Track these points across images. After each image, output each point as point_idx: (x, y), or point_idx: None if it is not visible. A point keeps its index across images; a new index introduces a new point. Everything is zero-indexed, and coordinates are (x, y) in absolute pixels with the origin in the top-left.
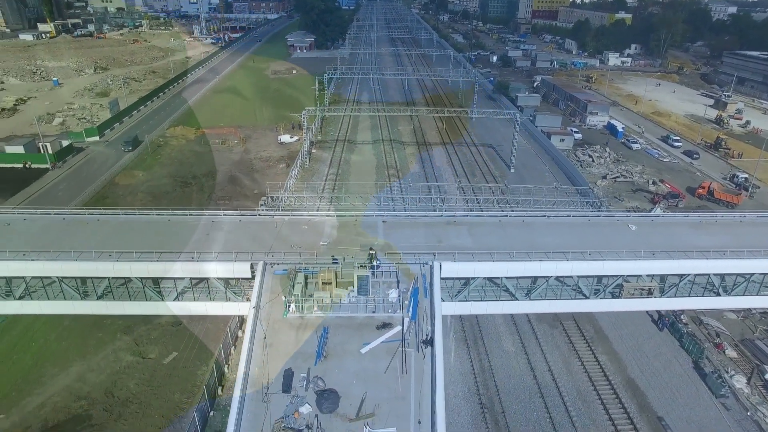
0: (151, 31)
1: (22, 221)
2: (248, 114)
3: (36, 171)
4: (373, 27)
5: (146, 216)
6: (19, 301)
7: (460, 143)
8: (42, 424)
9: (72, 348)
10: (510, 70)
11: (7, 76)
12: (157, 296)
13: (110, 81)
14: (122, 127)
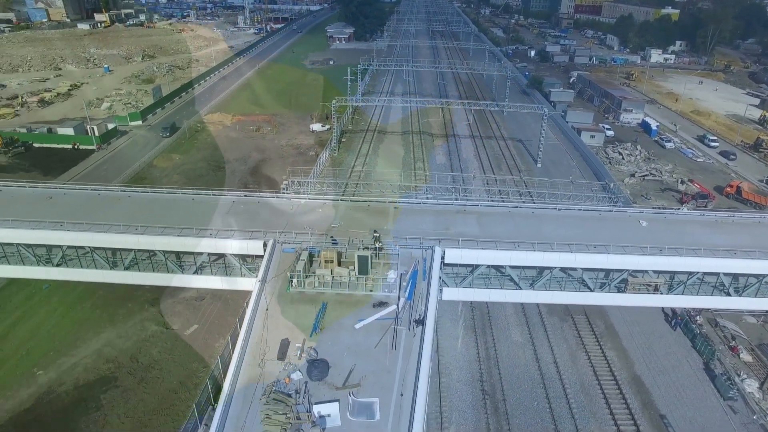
0: (198, 21)
1: (63, 195)
2: (283, 102)
3: (83, 152)
4: (413, 20)
5: (172, 195)
6: (57, 267)
7: (489, 137)
8: (74, 382)
9: (104, 316)
10: (547, 65)
11: (64, 63)
12: (178, 269)
13: (156, 68)
14: (164, 112)
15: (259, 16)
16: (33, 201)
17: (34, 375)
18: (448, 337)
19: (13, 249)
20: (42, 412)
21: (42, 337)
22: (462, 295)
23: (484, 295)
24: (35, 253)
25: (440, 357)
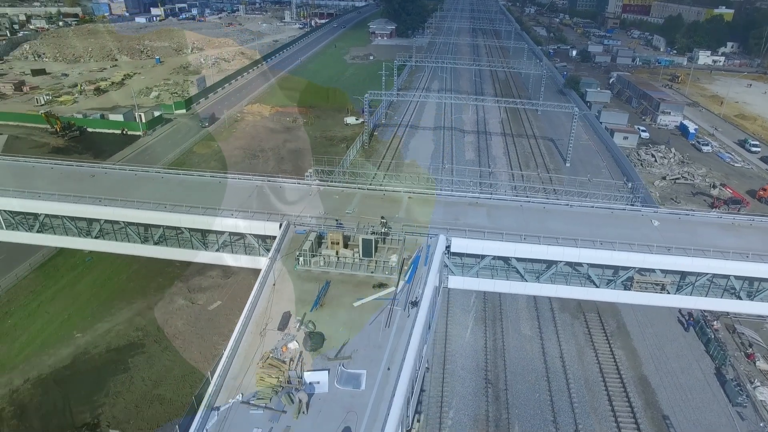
0: (246, 15)
1: (104, 174)
2: (321, 95)
3: (131, 137)
4: (457, 17)
5: (201, 177)
6: (95, 239)
7: (520, 135)
8: (107, 345)
9: (137, 288)
10: (588, 65)
11: (120, 54)
12: (202, 246)
13: (203, 60)
14: (207, 102)
15: (305, 11)
16: (78, 178)
17: (73, 337)
18: (458, 326)
19: (58, 221)
20: (78, 369)
21: (82, 304)
22: (467, 283)
23: (489, 285)
24: (77, 226)
25: (447, 345)
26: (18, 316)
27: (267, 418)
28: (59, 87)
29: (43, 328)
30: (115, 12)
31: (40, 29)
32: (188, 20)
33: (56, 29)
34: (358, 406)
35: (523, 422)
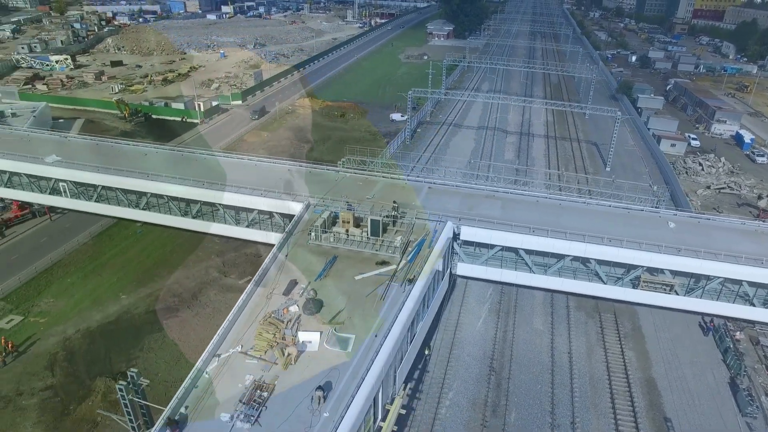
0: (310, 14)
1: (155, 153)
2: (371, 92)
3: (190, 124)
4: (516, 20)
5: (240, 160)
6: (142, 210)
7: (564, 138)
8: (146, 307)
9: (178, 259)
10: (647, 71)
11: (189, 48)
12: (233, 222)
13: (264, 55)
14: (263, 94)
15: (367, 11)
16: (132, 156)
17: (119, 298)
18: (471, 316)
19: (113, 193)
20: (120, 326)
21: (130, 270)
22: (475, 271)
23: (496, 274)
24: (128, 198)
25: (457, 332)
26: (76, 277)
27: (260, 367)
28: (132, 77)
29: (95, 288)
30: (189, 9)
31: (123, 25)
32: (255, 18)
33: (136, 25)
34: (342, 365)
35: (520, 410)
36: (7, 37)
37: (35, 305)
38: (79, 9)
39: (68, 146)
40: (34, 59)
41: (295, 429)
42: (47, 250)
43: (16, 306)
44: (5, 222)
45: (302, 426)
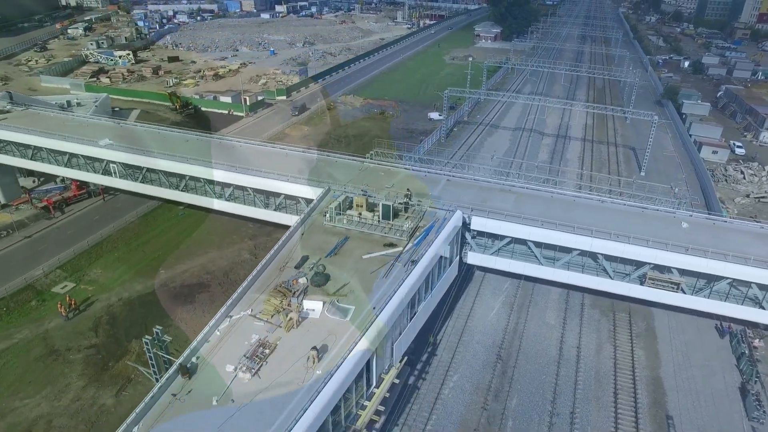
0: (361, 14)
1: (195, 140)
2: (412, 91)
3: (236, 117)
4: (568, 24)
5: (272, 148)
6: (181, 192)
7: (601, 141)
8: (180, 282)
9: (214, 240)
10: (699, 77)
11: (241, 45)
12: (263, 205)
13: (311, 54)
14: (307, 90)
15: (416, 12)
16: (175, 142)
17: (159, 272)
18: (484, 307)
19: (156, 175)
20: (158, 297)
21: (170, 248)
22: (485, 261)
23: (504, 264)
24: (169, 180)
25: (469, 320)
26: (122, 251)
27: (265, 329)
28: (186, 72)
29: (138, 263)
30: (245, 9)
31: (182, 23)
32: (307, 17)
33: (194, 23)
34: (340, 331)
35: (522, 397)
36: (79, 35)
37: (86, 274)
38: (144, 8)
39: (121, 132)
40: (100, 55)
41: (290, 382)
42: (99, 227)
43: (70, 274)
44: (65, 200)
45: (296, 380)
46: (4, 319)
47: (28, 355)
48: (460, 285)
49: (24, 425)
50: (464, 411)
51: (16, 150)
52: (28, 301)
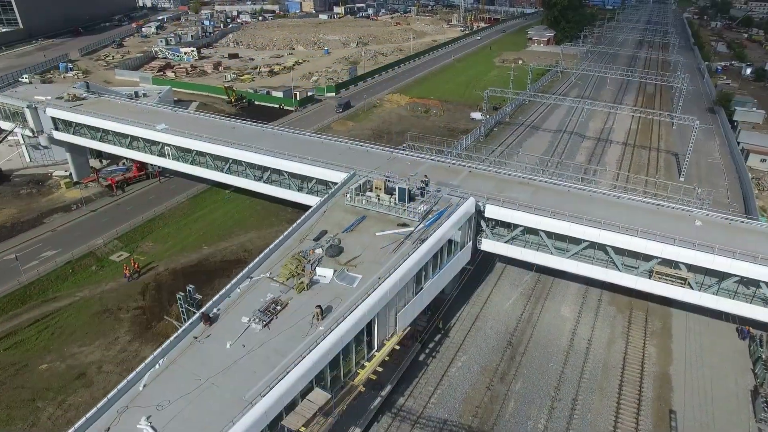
0: (417, 16)
1: (242, 127)
2: (458, 91)
3: (285, 111)
4: (626, 29)
5: (309, 137)
6: (225, 174)
7: (644, 146)
8: (221, 258)
9: (255, 222)
10: (761, 85)
11: (297, 44)
12: (297, 189)
13: (363, 53)
14: (355, 88)
15: (471, 15)
16: (223, 129)
17: (202, 248)
18: (501, 296)
19: (204, 158)
20: (198, 269)
21: (214, 227)
22: (498, 248)
23: (516, 252)
24: (215, 163)
25: (485, 308)
26: (172, 228)
27: (280, 290)
28: (244, 68)
29: (184, 238)
30: (304, 9)
31: (244, 23)
32: (363, 18)
33: (255, 23)
34: (346, 295)
35: (527, 381)
36: (152, 33)
37: (139, 246)
38: (211, 8)
39: (176, 118)
40: (168, 51)
41: (295, 334)
42: (153, 205)
43: (126, 245)
44: (127, 180)
45: (300, 333)
46: (69, 279)
47: (86, 311)
48: (480, 274)
49: (80, 368)
50: (469, 389)
51: (88, 132)
52: (90, 266)
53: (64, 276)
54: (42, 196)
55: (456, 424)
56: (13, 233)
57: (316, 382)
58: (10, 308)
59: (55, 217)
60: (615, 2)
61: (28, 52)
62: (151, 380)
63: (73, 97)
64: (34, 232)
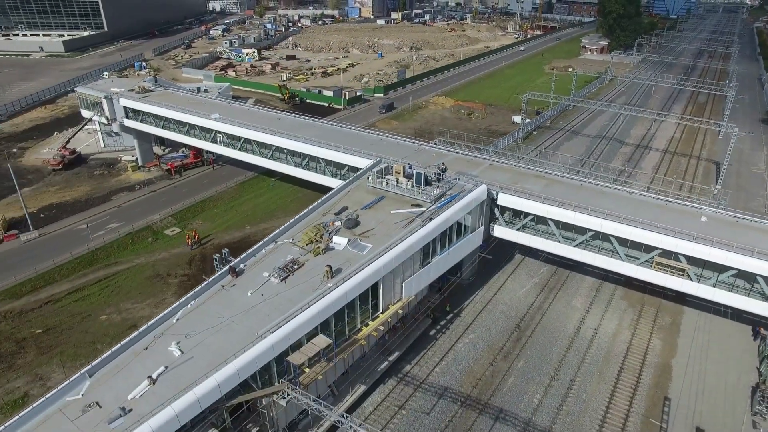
0: (473, 23)
1: (286, 118)
2: (503, 96)
3: (334, 109)
4: (689, 38)
5: (347, 129)
6: (269, 159)
7: (684, 154)
8: (261, 236)
9: (296, 208)
10: None
11: (352, 47)
12: (331, 175)
13: (415, 57)
14: (404, 90)
15: (528, 23)
16: (269, 119)
17: (245, 227)
18: (516, 284)
19: (251, 145)
20: (240, 245)
21: (258, 210)
22: (508, 234)
23: (525, 239)
24: (260, 150)
25: (499, 293)
26: (220, 209)
27: (299, 253)
28: (300, 69)
29: (230, 219)
30: (363, 15)
31: (304, 26)
32: (419, 24)
33: (315, 26)
34: (355, 260)
35: (529, 360)
36: (218, 35)
37: (189, 223)
38: (274, 13)
39: (229, 110)
40: (231, 52)
41: (307, 288)
42: (205, 189)
43: (178, 222)
44: (184, 166)
45: (311, 288)
46: (128, 248)
47: (140, 275)
48: (498, 264)
49: (132, 320)
50: (472, 363)
51: (152, 120)
52: (146, 238)
53: (124, 245)
54: (112, 177)
55: (455, 392)
56: (86, 207)
57: (321, 329)
58: (80, 268)
59: (121, 195)
60: (680, 11)
61: (110, 53)
62: (182, 316)
63: (143, 89)
64: (103, 207)
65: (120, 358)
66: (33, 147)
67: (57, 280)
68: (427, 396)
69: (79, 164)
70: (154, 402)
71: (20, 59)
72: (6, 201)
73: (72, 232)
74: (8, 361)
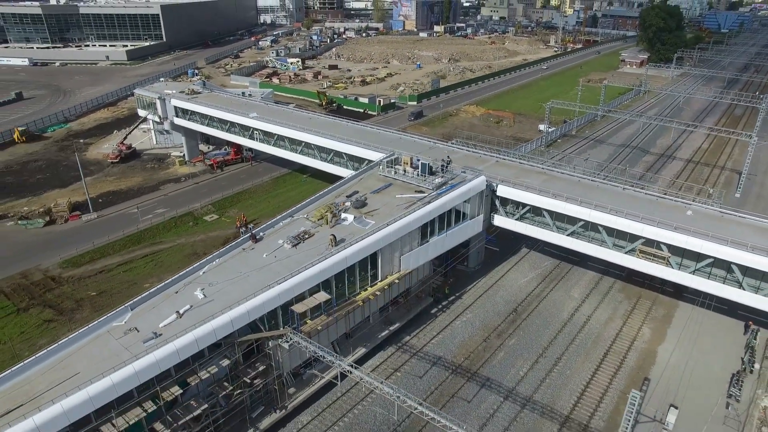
0: (515, 36)
1: (317, 118)
2: (534, 106)
3: (368, 115)
4: (737, 53)
5: (379, 129)
6: (299, 154)
7: (708, 164)
8: None
9: None
10: None
11: (393, 58)
12: (353, 168)
13: (452, 68)
14: (438, 99)
15: (571, 36)
16: (301, 119)
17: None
18: (519, 274)
19: (283, 141)
20: None
21: (289, 202)
22: (507, 223)
23: (522, 228)
24: (290, 145)
25: (501, 280)
26: (254, 200)
27: (311, 226)
28: (340, 78)
29: (263, 209)
30: (407, 28)
31: (349, 38)
32: (460, 37)
33: (358, 38)
34: (358, 233)
35: (520, 340)
36: (266, 46)
37: (226, 212)
38: (321, 25)
39: (267, 110)
40: (277, 61)
41: (313, 253)
42: (243, 182)
43: (217, 210)
44: (225, 162)
45: (318, 253)
46: (172, 230)
47: (180, 253)
48: (503, 255)
49: None
50: (467, 338)
51: (199, 119)
52: (187, 222)
53: (168, 227)
54: (161, 170)
55: (448, 362)
56: (138, 194)
57: (322, 287)
58: (130, 245)
59: (168, 185)
60: (733, 25)
61: (166, 62)
62: (208, 269)
63: (191, 91)
64: (153, 195)
65: (156, 297)
66: (96, 143)
67: (110, 253)
68: (422, 363)
69: (134, 158)
70: (179, 330)
71: (89, 67)
72: (72, 187)
73: (125, 215)
74: (69, 315)
